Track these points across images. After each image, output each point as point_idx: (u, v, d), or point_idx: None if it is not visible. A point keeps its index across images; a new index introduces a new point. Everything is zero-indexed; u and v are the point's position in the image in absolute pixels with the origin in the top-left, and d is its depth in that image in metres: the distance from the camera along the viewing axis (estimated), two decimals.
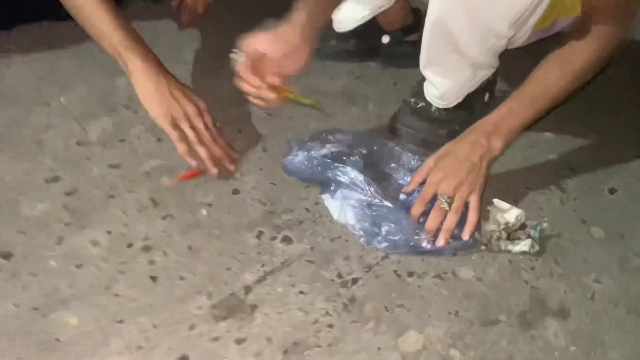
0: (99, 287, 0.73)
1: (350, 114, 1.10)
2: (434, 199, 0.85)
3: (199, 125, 0.90)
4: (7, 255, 0.74)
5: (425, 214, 0.85)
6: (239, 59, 0.84)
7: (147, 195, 0.87)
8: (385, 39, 1.21)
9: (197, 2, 1.22)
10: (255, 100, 0.86)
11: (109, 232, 0.80)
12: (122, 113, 1.00)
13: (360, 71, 1.24)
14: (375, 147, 0.97)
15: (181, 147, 0.88)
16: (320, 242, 0.84)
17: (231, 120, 1.05)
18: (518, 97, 0.88)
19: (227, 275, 0.78)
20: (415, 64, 1.02)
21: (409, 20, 1.22)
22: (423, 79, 1.03)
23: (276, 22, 0.84)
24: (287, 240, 0.84)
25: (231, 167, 0.92)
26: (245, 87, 0.84)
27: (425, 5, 0.91)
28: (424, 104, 1.03)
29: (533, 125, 0.92)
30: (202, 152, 0.89)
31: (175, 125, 0.88)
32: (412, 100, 1.04)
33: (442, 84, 0.99)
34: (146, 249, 0.79)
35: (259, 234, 0.84)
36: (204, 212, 0.86)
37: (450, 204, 0.84)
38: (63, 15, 1.19)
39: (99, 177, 0.89)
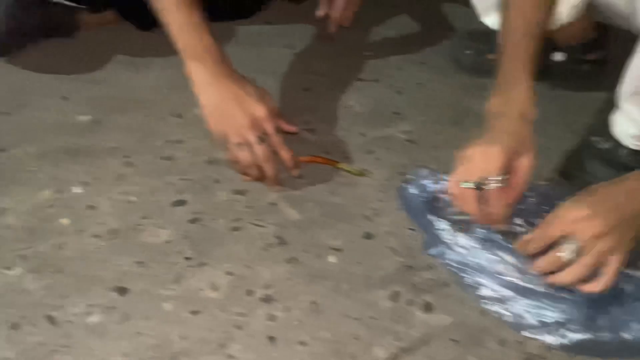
0: (212, 343, 0.62)
1: None
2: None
3: (251, 139, 0.75)
4: (123, 291, 0.66)
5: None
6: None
7: (273, 230, 0.76)
8: (559, 57, 0.98)
9: (346, 15, 1.06)
10: None
11: (230, 274, 0.70)
12: None
13: None
14: (530, 197, 0.76)
15: (235, 168, 0.80)
16: (467, 315, 0.67)
17: (367, 145, 0.90)
18: None
19: (354, 346, 0.63)
20: (595, 88, 0.79)
21: (591, 35, 0.97)
22: (608, 110, 0.80)
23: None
24: (427, 307, 0.68)
25: (294, 173, 0.80)
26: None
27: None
28: (610, 144, 0.80)
29: None
30: (252, 174, 0.79)
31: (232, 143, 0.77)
32: (595, 138, 0.81)
33: None
34: (267, 299, 0.67)
35: (394, 295, 0.69)
36: (332, 259, 0.73)
37: (574, 256, 0.61)
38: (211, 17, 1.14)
39: (224, 204, 0.79)
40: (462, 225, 0.70)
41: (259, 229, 0.76)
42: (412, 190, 0.76)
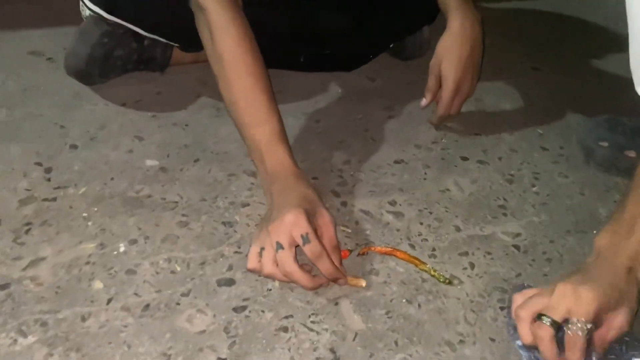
0: None
1: None
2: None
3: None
4: None
5: None
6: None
7: (327, 340, 0.62)
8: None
9: (454, 107, 0.93)
10: None
11: None
12: None
13: None
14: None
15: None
16: None
17: (461, 244, 0.74)
18: None
19: None
20: None
21: None
22: None
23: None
24: None
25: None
26: None
27: None
28: None
29: None
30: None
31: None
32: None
33: None
34: None
35: None
36: None
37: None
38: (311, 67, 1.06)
39: (277, 292, 0.66)
40: None
41: (310, 335, 0.62)
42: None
